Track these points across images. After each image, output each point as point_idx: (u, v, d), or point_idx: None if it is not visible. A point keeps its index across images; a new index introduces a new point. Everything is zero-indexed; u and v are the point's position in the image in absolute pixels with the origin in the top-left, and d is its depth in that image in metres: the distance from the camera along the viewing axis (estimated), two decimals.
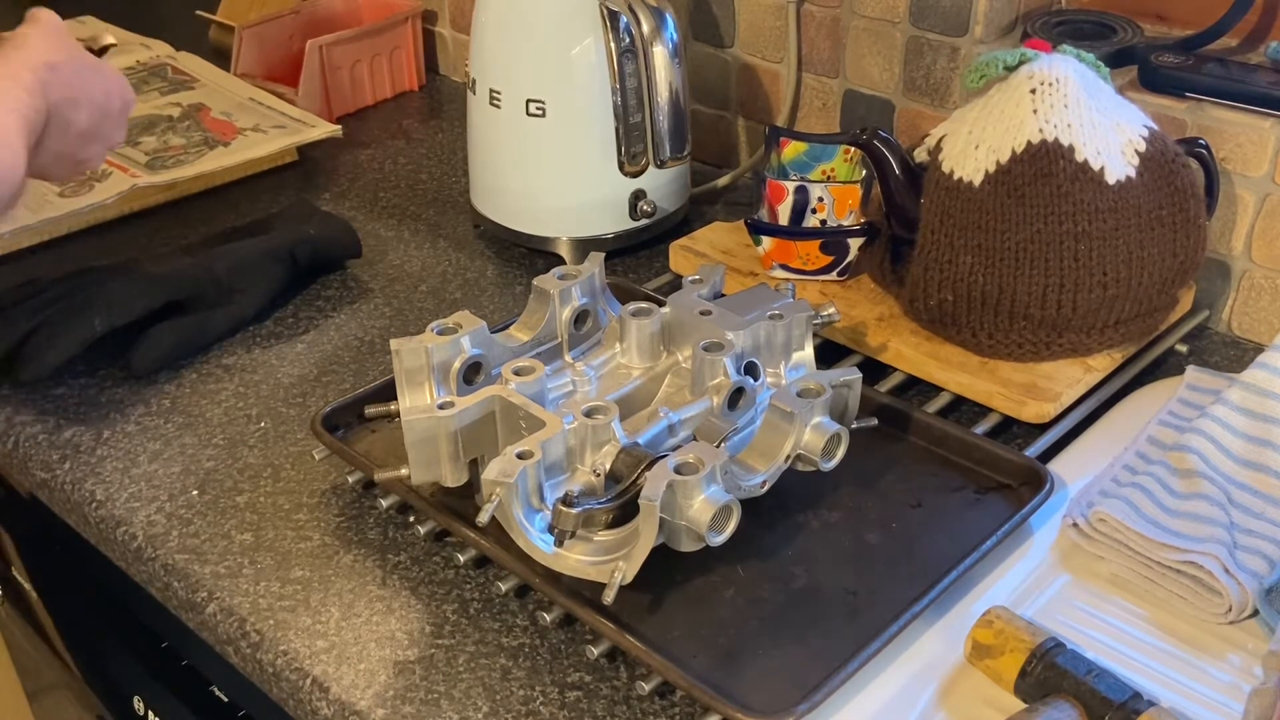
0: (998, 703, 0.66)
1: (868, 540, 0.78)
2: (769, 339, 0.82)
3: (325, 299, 1.08)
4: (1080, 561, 0.76)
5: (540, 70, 1.07)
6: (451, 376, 0.77)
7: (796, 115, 1.23)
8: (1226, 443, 0.82)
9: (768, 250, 1.00)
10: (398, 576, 0.77)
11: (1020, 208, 0.87)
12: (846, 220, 0.98)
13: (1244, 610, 0.71)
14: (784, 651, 0.70)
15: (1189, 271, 0.92)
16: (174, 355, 0.99)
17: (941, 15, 1.08)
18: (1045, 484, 0.78)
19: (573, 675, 0.70)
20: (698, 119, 1.30)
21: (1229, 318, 1.02)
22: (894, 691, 0.68)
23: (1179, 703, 0.65)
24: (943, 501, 0.81)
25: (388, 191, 1.27)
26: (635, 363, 0.83)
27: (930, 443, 0.85)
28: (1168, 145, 0.90)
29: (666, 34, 1.03)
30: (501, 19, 1.08)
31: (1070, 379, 0.89)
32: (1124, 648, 0.70)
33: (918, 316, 0.94)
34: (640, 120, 1.06)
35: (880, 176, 0.94)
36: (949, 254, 0.89)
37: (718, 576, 0.75)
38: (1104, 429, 0.87)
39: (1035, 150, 0.86)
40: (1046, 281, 0.87)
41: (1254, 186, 0.96)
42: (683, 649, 0.69)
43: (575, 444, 0.73)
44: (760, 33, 1.22)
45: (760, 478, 0.74)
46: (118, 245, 1.15)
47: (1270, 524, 0.76)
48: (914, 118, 1.14)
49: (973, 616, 0.69)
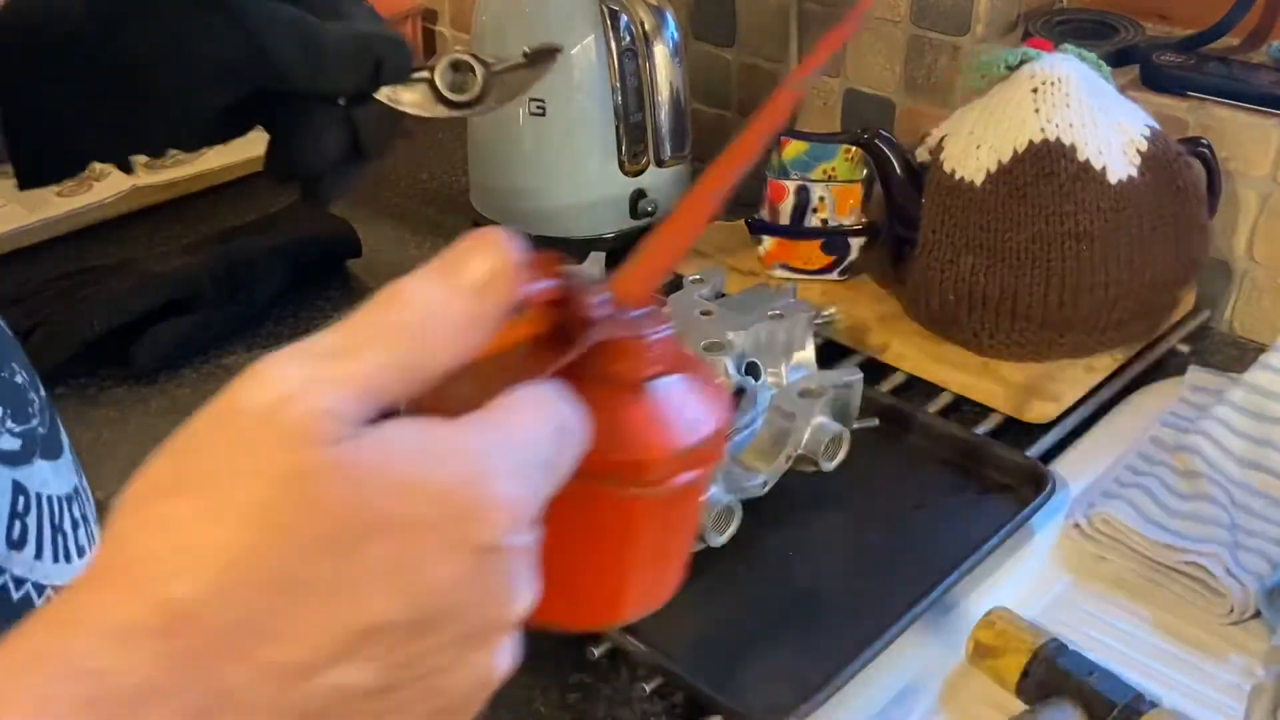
0: (999, 704, 0.66)
1: (869, 541, 0.78)
2: (770, 339, 0.82)
3: (325, 299, 1.08)
4: (1082, 562, 0.76)
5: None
6: None
7: (797, 115, 1.22)
8: (1229, 443, 0.81)
9: (769, 250, 1.00)
10: None
11: (1022, 207, 0.87)
12: (848, 220, 0.98)
13: (1246, 611, 0.71)
14: (785, 652, 0.70)
15: (1191, 271, 0.92)
16: (174, 355, 0.99)
17: (943, 14, 1.08)
18: (1047, 484, 0.78)
19: (573, 675, 0.70)
20: (698, 118, 1.29)
21: (1231, 318, 1.01)
22: (895, 692, 0.68)
23: (1181, 704, 0.65)
24: (944, 502, 0.81)
25: (388, 191, 1.27)
26: None
27: (932, 443, 0.85)
28: (1169, 145, 0.90)
29: (667, 33, 1.03)
30: (501, 18, 1.08)
31: (1072, 379, 0.89)
32: (1126, 649, 0.70)
33: (919, 316, 0.93)
34: (641, 119, 1.06)
35: (881, 176, 0.94)
36: (950, 254, 0.89)
37: (718, 577, 0.74)
38: (1106, 429, 0.87)
39: (1037, 150, 0.86)
40: (1048, 281, 0.87)
41: (1256, 186, 0.96)
42: (683, 649, 0.69)
43: None
44: (761, 32, 1.22)
45: (761, 478, 0.74)
46: (118, 245, 1.15)
47: (1273, 524, 0.76)
48: (915, 117, 1.14)
49: (974, 617, 0.69)
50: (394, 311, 0.32)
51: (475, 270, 0.32)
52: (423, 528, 0.30)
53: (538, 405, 0.32)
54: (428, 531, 0.30)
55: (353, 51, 0.59)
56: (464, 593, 0.31)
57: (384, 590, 0.29)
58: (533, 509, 0.32)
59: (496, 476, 0.31)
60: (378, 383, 0.31)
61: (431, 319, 0.32)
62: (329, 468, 0.29)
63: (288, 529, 0.29)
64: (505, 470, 0.31)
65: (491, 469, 0.31)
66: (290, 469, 0.29)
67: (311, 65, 0.58)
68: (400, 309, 0.32)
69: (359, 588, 0.29)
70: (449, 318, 0.32)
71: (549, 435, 0.32)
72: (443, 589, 0.30)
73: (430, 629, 0.31)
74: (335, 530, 0.29)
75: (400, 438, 0.30)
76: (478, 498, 0.30)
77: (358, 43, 0.59)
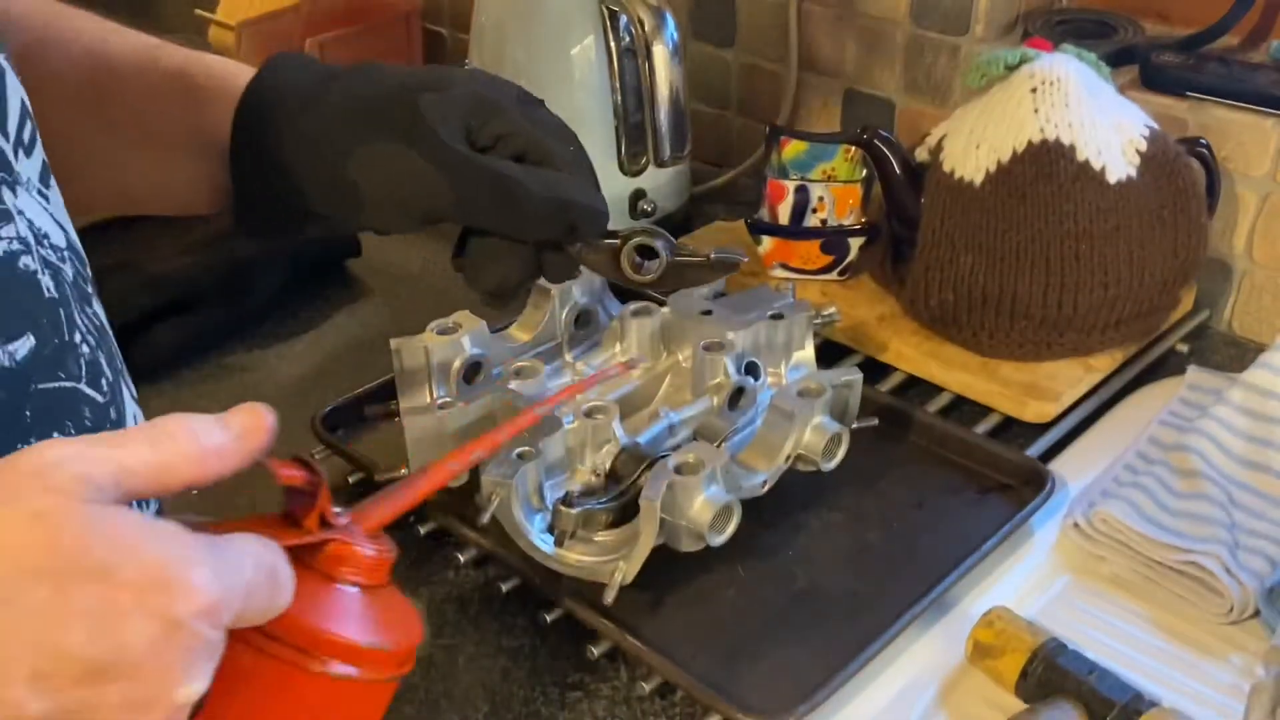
0: (999, 703, 0.66)
1: (869, 540, 0.78)
2: (769, 339, 0.82)
3: (325, 299, 1.08)
4: (1081, 561, 0.76)
5: (540, 69, 1.07)
6: (451, 376, 0.77)
7: (797, 114, 1.22)
8: (1228, 443, 0.81)
9: (768, 250, 1.00)
10: (398, 576, 0.77)
11: (1021, 207, 0.87)
12: (847, 220, 0.98)
13: (1245, 610, 0.71)
14: (785, 651, 0.70)
15: (1190, 271, 0.92)
16: (174, 355, 0.99)
17: (942, 14, 1.08)
18: (1046, 484, 0.78)
19: (573, 675, 0.70)
20: (698, 118, 1.29)
21: (1230, 317, 1.01)
22: (895, 692, 0.68)
23: (1180, 703, 0.65)
24: (944, 501, 0.81)
25: None
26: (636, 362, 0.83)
27: (931, 443, 0.85)
28: (1169, 144, 0.90)
29: (667, 33, 1.03)
30: (501, 18, 1.08)
31: (1071, 379, 0.89)
32: (1125, 648, 0.70)
33: (918, 316, 0.93)
34: (640, 119, 1.06)
35: (881, 176, 0.94)
36: (950, 253, 0.89)
37: (718, 576, 0.74)
38: (1105, 429, 0.87)
39: (1036, 150, 0.86)
40: (1047, 281, 0.87)
41: (1255, 186, 0.96)
42: (683, 649, 0.69)
43: (575, 444, 0.73)
44: (760, 32, 1.22)
45: (761, 478, 0.74)
46: (118, 245, 1.15)
47: (1272, 524, 0.76)
48: (915, 117, 1.14)
49: (974, 617, 0.69)
50: (164, 425, 0.41)
51: (238, 419, 0.42)
52: (130, 586, 0.36)
53: (259, 545, 0.40)
54: (133, 591, 0.36)
55: (551, 212, 0.61)
56: (145, 655, 0.37)
57: (82, 627, 0.36)
58: (225, 612, 0.38)
59: (201, 566, 0.38)
60: (130, 470, 0.39)
61: (190, 439, 0.40)
62: (70, 514, 0.36)
63: (17, 554, 0.36)
64: (211, 566, 0.38)
65: (199, 559, 0.38)
66: (39, 508, 0.36)
67: (508, 220, 0.62)
68: (170, 424, 0.40)
69: (63, 618, 0.36)
70: (205, 442, 0.41)
71: (257, 566, 0.40)
72: (129, 643, 0.36)
73: (107, 678, 0.36)
74: (58, 565, 0.36)
75: (134, 514, 0.38)
76: (180, 575, 0.37)
77: (557, 206, 0.61)
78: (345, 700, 0.44)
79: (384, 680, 0.45)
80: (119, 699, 0.37)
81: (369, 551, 0.45)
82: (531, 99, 0.65)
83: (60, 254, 0.51)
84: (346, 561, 0.45)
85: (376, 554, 0.46)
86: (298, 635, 0.42)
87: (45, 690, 0.36)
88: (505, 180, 0.60)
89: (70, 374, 0.49)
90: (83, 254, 0.54)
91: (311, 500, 0.45)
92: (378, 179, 0.61)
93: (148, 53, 0.66)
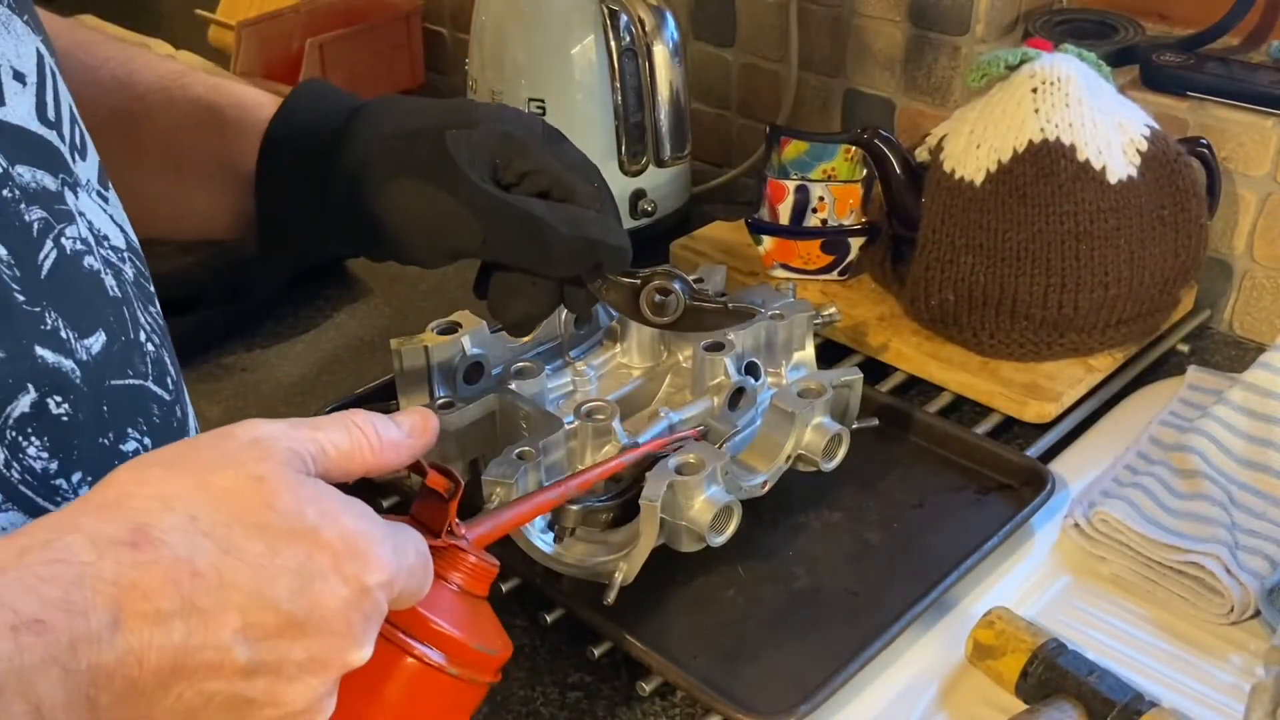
0: (999, 704, 0.66)
1: (869, 540, 0.78)
2: (770, 339, 0.82)
3: (325, 299, 1.08)
4: (1082, 562, 0.76)
5: (540, 69, 1.07)
6: (452, 377, 0.77)
7: (797, 114, 1.22)
8: (1228, 443, 0.81)
9: (768, 250, 1.00)
10: None
11: (1022, 207, 0.87)
12: (847, 220, 0.98)
13: (1246, 610, 0.71)
14: (785, 652, 0.70)
15: (1190, 271, 0.92)
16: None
17: (942, 14, 1.08)
18: (1046, 484, 0.78)
19: (573, 675, 0.70)
20: (698, 118, 1.29)
21: (1230, 317, 1.01)
22: (895, 692, 0.68)
23: (1181, 703, 0.65)
24: (944, 502, 0.81)
25: None
26: (635, 362, 0.83)
27: (931, 443, 0.85)
28: (1169, 144, 0.90)
29: (667, 33, 1.03)
30: (502, 18, 1.08)
31: (1071, 379, 0.89)
32: (1125, 648, 0.70)
33: (919, 316, 0.93)
34: (640, 119, 1.06)
35: (881, 176, 0.94)
36: (950, 253, 0.89)
37: (718, 577, 0.74)
38: (1105, 429, 0.87)
39: (1036, 149, 0.86)
40: (1048, 281, 0.87)
41: (1255, 186, 0.96)
42: (683, 649, 0.69)
43: (575, 444, 0.73)
44: (760, 32, 1.22)
45: (761, 478, 0.74)
46: None
47: (1272, 524, 0.76)
48: (915, 117, 1.14)
49: (974, 617, 0.69)
50: (353, 416, 0.46)
51: (408, 420, 0.48)
52: (329, 550, 0.41)
53: (419, 536, 0.45)
54: (331, 555, 0.41)
55: (577, 250, 0.63)
56: (334, 614, 0.41)
57: (287, 582, 0.40)
58: (396, 587, 0.43)
59: (386, 542, 0.43)
60: (326, 452, 0.44)
61: (374, 431, 0.46)
62: (287, 480, 0.41)
63: (241, 510, 0.40)
64: (392, 544, 0.43)
65: (384, 538, 0.43)
66: (259, 472, 0.41)
67: (535, 258, 0.64)
68: (357, 417, 0.46)
69: (273, 572, 0.40)
70: (385, 435, 0.46)
71: (417, 554, 0.45)
72: (323, 602, 0.41)
73: (300, 632, 0.40)
74: (274, 523, 0.40)
75: (334, 489, 0.43)
76: (371, 548, 0.42)
77: (582, 244, 0.63)
78: (444, 695, 0.47)
79: (480, 683, 0.48)
80: (304, 655, 0.40)
81: (484, 563, 0.50)
82: (556, 134, 0.66)
83: (120, 254, 0.53)
84: (461, 568, 0.49)
85: (488, 566, 0.50)
86: (416, 625, 0.46)
87: (249, 639, 0.39)
88: (533, 220, 0.62)
89: (138, 372, 0.50)
90: (142, 255, 0.56)
91: (441, 506, 0.49)
92: (406, 216, 0.62)
93: (174, 80, 0.67)
